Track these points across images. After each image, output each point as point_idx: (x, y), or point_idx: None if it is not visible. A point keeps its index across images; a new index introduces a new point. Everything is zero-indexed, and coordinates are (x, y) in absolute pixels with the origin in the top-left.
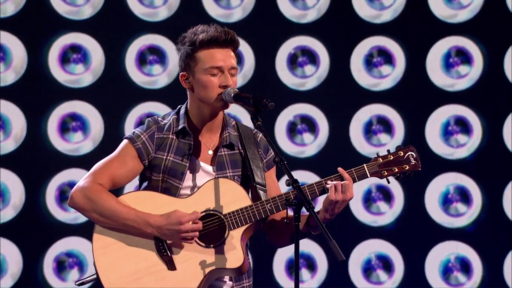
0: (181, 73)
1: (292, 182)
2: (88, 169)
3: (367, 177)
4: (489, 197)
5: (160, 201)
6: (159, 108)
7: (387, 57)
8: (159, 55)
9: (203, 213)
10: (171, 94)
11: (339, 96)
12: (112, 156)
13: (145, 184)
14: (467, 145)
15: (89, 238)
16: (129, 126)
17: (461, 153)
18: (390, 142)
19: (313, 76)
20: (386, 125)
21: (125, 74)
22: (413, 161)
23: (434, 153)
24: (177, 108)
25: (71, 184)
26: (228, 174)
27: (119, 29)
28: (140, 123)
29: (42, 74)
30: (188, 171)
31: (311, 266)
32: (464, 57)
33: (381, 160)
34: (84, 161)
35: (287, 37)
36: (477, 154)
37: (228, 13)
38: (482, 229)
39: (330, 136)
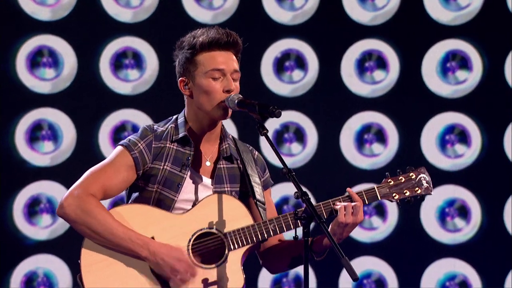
0: (180, 78)
1: (301, 194)
2: (59, 181)
3: (378, 199)
4: (489, 212)
5: (155, 216)
6: (137, 116)
7: (380, 62)
8: (136, 59)
9: (202, 231)
10: (149, 101)
11: (329, 103)
12: (105, 163)
13: (135, 194)
14: (466, 155)
15: (60, 255)
16: (104, 136)
17: (459, 164)
18: (384, 153)
19: (301, 82)
20: (379, 134)
21: (99, 79)
22: (425, 184)
23: (430, 164)
24: (173, 117)
25: (41, 198)
26: (226, 189)
27: (93, 31)
28: (115, 132)
29: (10, 79)
30: (185, 183)
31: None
32: (462, 61)
33: (392, 182)
34: (54, 173)
35: (273, 40)
36: (476, 166)
37: (210, 15)
38: (481, 246)
39: (319, 146)
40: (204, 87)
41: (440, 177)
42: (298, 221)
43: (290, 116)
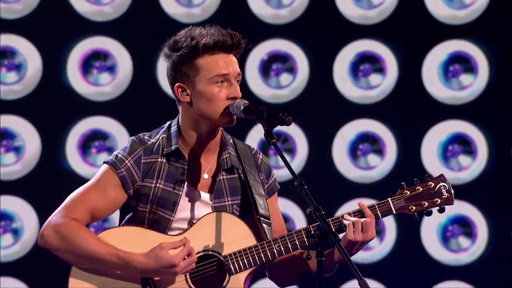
0: (177, 84)
1: (315, 210)
2: (21, 196)
3: (392, 213)
4: (497, 230)
5: (148, 238)
6: (108, 124)
7: (376, 64)
8: (107, 61)
9: (199, 254)
10: (122, 108)
11: (320, 110)
12: (89, 184)
13: (129, 215)
14: (471, 168)
15: (22, 279)
16: (71, 146)
17: (464, 177)
18: (380, 165)
19: (290, 87)
20: (375, 144)
21: (67, 83)
22: (445, 194)
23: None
24: (166, 124)
25: (2, 216)
26: (227, 203)
27: (59, 30)
28: (85, 142)
29: None
30: (182, 201)
31: None
32: (466, 64)
33: (408, 193)
34: (17, 187)
35: (259, 41)
36: (482, 179)
37: (188, 12)
38: (488, 268)
39: (310, 157)
40: (208, 94)
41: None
42: (311, 239)
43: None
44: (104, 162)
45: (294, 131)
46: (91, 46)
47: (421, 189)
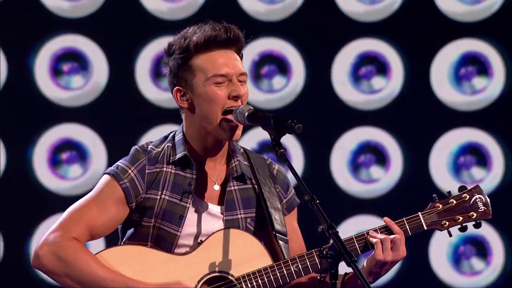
0: (175, 87)
1: (327, 228)
2: None
3: (423, 229)
4: None
5: (153, 258)
6: (81, 133)
7: (379, 66)
8: (80, 62)
9: (210, 276)
10: (96, 114)
11: (317, 117)
12: (89, 198)
13: (130, 231)
14: (485, 181)
15: None
16: (40, 157)
17: None
18: (384, 178)
19: (284, 90)
20: (379, 155)
21: (35, 86)
22: (481, 207)
23: (440, 192)
24: (170, 134)
25: None
26: (239, 216)
27: (26, 28)
28: (54, 152)
29: None
30: (189, 214)
31: None
32: (480, 66)
33: (441, 206)
34: None
35: (250, 40)
36: (497, 194)
37: (172, 8)
38: None
39: (306, 170)
40: (207, 96)
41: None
42: (324, 260)
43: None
44: (105, 173)
45: (288, 140)
46: (62, 45)
47: (454, 202)
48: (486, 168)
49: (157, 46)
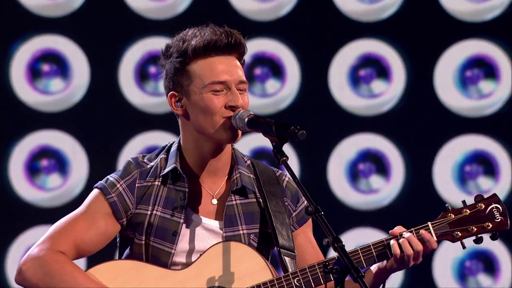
0: (170, 93)
1: (333, 241)
2: None
3: (433, 240)
4: None
5: (146, 273)
6: (60, 140)
7: (380, 69)
8: (59, 64)
9: None
10: (77, 120)
11: (314, 123)
12: (76, 213)
13: (126, 251)
14: (492, 191)
15: None
16: (16, 166)
17: None
18: (385, 188)
19: (277, 95)
20: (379, 164)
21: (11, 90)
22: (498, 217)
23: (445, 202)
24: (168, 144)
25: None
26: (241, 232)
27: (1, 28)
28: (31, 161)
29: None
30: (184, 230)
31: None
32: (487, 68)
33: (453, 216)
34: None
35: None
36: (506, 205)
37: (159, 6)
38: None
39: (302, 179)
40: (203, 104)
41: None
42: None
43: (263, 140)
44: (94, 187)
45: (282, 147)
46: (40, 45)
47: (468, 211)
48: (494, 178)
49: (142, 47)
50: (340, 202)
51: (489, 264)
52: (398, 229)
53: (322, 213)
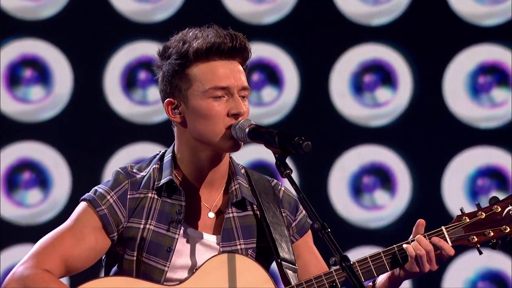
0: (167, 99)
1: (340, 259)
2: None
3: (448, 245)
4: None
5: None
6: (40, 152)
7: (385, 75)
8: (40, 71)
9: None
10: (59, 130)
11: (313, 134)
12: (63, 228)
13: (114, 268)
14: None
15: None
16: None
17: None
18: (390, 203)
19: (275, 104)
20: (383, 177)
21: None
22: None
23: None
24: (159, 153)
25: None
26: (239, 247)
27: None
28: (10, 174)
29: None
30: (179, 245)
31: None
32: (500, 75)
33: (468, 220)
34: None
35: None
36: None
37: (147, 9)
38: None
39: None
40: (202, 111)
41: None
42: None
43: (259, 152)
44: (82, 200)
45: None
46: (19, 51)
47: (484, 214)
48: (508, 193)
49: (130, 52)
50: (341, 219)
51: (502, 284)
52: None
53: (329, 230)
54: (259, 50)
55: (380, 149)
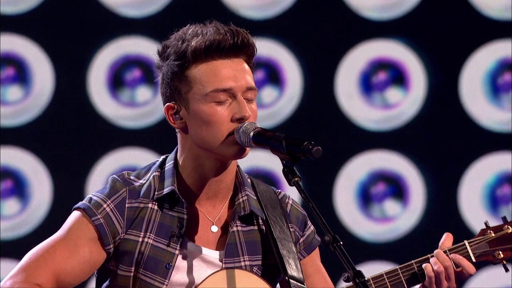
0: (167, 104)
1: (354, 275)
2: None
3: (471, 261)
4: None
5: None
6: (19, 159)
7: (396, 75)
8: (18, 69)
9: None
10: (39, 134)
11: (318, 138)
12: (55, 239)
13: (105, 284)
14: None
15: None
16: None
17: None
18: (402, 215)
19: (275, 106)
20: (394, 186)
21: None
22: None
23: (473, 232)
24: (160, 159)
25: None
26: (243, 263)
27: None
28: None
29: None
30: (178, 262)
31: None
32: None
33: (493, 234)
34: None
35: None
36: None
37: (135, 2)
38: None
39: (304, 205)
40: (204, 116)
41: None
42: None
43: (259, 158)
44: (75, 208)
45: (280, 168)
46: None
47: (511, 228)
48: None
49: (117, 49)
50: (349, 232)
51: None
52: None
53: (341, 243)
54: (258, 47)
55: (391, 155)
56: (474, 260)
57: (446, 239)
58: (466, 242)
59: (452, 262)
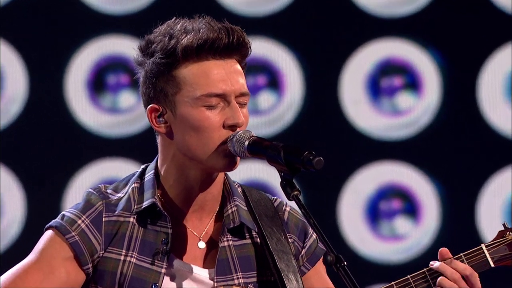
0: (150, 105)
1: None
2: None
3: (489, 267)
4: None
5: None
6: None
7: (408, 78)
8: None
9: None
10: (11, 144)
11: (321, 148)
12: (28, 262)
13: None
14: None
15: None
16: None
17: None
18: (414, 233)
19: (274, 112)
20: (406, 201)
21: None
22: None
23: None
24: (140, 169)
25: None
26: (236, 281)
27: None
28: None
29: None
30: (165, 282)
31: None
32: None
33: (511, 237)
34: None
35: None
36: None
37: None
38: None
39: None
40: (193, 121)
41: (510, 272)
42: None
43: (255, 169)
44: (47, 227)
45: (279, 181)
46: None
47: None
48: None
49: (97, 49)
50: (355, 252)
51: None
52: (445, 252)
53: (345, 263)
54: (255, 47)
55: (401, 167)
56: (492, 265)
57: (444, 254)
58: (483, 245)
59: (470, 270)
